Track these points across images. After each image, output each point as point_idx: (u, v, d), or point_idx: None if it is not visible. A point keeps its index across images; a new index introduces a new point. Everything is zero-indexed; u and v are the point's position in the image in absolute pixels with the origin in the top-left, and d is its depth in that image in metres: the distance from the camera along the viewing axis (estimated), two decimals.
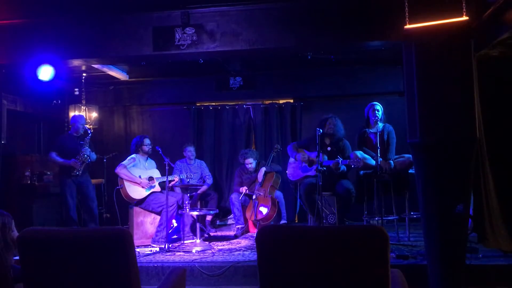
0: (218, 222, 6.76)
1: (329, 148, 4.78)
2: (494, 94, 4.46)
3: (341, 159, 4.99)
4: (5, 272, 2.67)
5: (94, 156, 5.85)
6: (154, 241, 5.30)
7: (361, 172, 5.17)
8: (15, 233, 2.95)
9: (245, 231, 6.10)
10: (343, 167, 5.11)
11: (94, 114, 7.10)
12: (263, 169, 6.05)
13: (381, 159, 4.88)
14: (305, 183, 5.22)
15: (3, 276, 2.63)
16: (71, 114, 6.56)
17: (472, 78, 3.68)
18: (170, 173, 5.64)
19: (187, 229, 5.60)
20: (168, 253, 4.86)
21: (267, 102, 7.25)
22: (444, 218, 3.50)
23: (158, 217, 5.45)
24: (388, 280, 1.93)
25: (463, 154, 3.51)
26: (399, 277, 2.31)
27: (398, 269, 2.40)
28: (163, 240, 5.18)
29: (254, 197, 5.95)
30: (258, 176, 6.08)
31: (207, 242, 5.37)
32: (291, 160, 5.58)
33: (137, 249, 4.98)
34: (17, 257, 2.60)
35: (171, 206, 5.27)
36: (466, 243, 3.70)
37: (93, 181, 6.06)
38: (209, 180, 6.51)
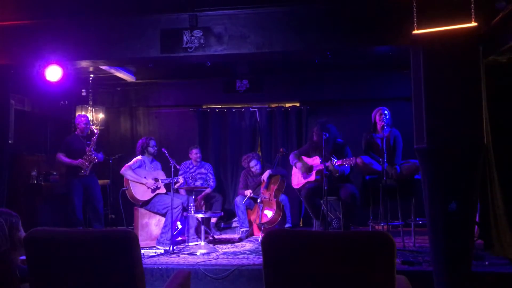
0: (222, 225, 6.75)
1: (324, 152, 4.80)
2: (502, 101, 4.44)
3: (335, 159, 4.97)
4: (11, 271, 2.68)
5: (101, 156, 5.88)
6: (158, 243, 5.31)
7: (367, 177, 5.15)
8: (22, 233, 2.95)
9: (249, 234, 6.10)
10: (343, 168, 5.08)
11: (101, 115, 7.14)
12: (269, 173, 6.04)
13: (387, 164, 4.86)
14: (306, 188, 5.22)
15: (10, 275, 2.64)
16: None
17: (480, 84, 3.66)
18: (176, 175, 5.65)
19: (191, 231, 5.60)
20: (173, 255, 4.87)
21: (273, 105, 7.25)
22: (450, 224, 3.48)
23: (163, 219, 5.45)
24: (393, 286, 1.93)
25: (470, 160, 3.50)
26: (405, 284, 2.30)
27: (404, 276, 2.39)
28: (167, 242, 5.19)
29: (259, 200, 5.94)
30: (263, 179, 6.08)
31: (211, 245, 5.37)
32: (294, 169, 5.59)
33: (142, 251, 4.98)
34: (23, 257, 2.61)
35: (176, 208, 5.27)
36: (472, 250, 3.67)
37: (99, 182, 6.07)
38: (212, 183, 6.51)
